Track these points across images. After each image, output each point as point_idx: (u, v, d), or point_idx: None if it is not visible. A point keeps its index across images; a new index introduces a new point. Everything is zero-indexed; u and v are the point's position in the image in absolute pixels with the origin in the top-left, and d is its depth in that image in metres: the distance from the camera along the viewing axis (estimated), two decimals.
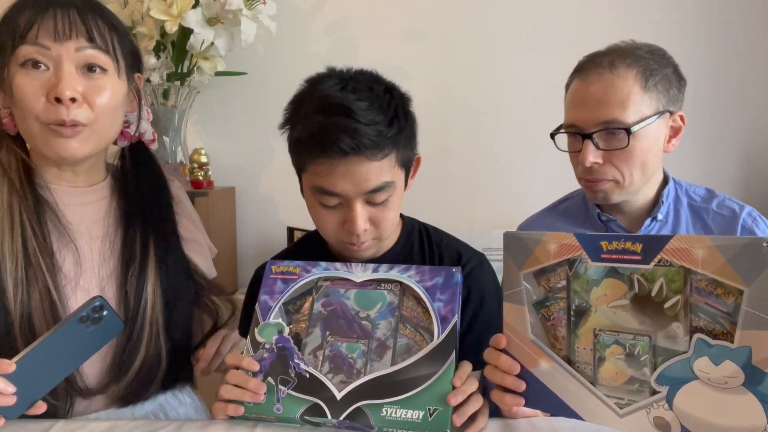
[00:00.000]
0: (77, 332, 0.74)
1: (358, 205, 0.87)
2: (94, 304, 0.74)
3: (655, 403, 0.67)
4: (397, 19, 1.90)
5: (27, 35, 0.79)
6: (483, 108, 1.92)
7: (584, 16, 1.87)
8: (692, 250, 0.63)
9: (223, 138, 1.96)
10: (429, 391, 0.75)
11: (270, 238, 1.98)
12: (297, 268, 0.88)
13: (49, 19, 0.79)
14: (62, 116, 0.79)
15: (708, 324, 0.64)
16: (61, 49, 0.79)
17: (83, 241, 0.88)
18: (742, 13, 1.86)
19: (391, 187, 0.89)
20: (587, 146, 1.01)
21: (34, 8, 0.80)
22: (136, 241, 0.89)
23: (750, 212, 1.07)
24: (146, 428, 0.85)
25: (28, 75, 0.79)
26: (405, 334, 0.81)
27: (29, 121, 0.80)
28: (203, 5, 1.57)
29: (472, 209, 1.97)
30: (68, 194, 0.88)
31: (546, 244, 0.73)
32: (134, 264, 0.88)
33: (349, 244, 0.92)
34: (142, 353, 0.87)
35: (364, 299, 0.85)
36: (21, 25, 0.79)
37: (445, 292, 0.82)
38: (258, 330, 0.83)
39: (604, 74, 0.99)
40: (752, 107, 1.89)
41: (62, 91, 0.78)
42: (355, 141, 0.82)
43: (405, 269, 0.85)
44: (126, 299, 0.87)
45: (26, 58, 0.79)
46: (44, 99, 0.79)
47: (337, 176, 0.85)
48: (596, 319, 0.71)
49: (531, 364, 0.76)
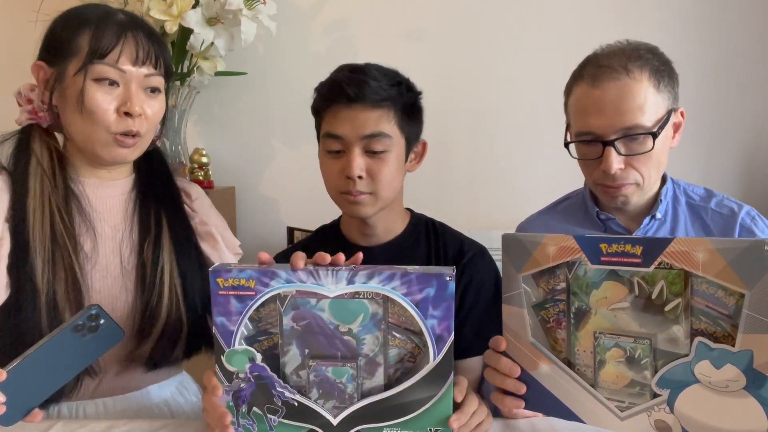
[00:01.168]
0: (72, 341, 0.73)
1: (356, 151, 0.99)
2: (90, 312, 0.73)
3: (656, 406, 0.67)
4: (397, 19, 1.89)
5: (107, 56, 0.90)
6: (483, 108, 1.92)
7: (584, 15, 1.87)
8: (693, 253, 0.63)
9: (223, 138, 1.96)
10: (429, 413, 0.73)
11: (270, 238, 1.98)
12: (251, 281, 0.72)
13: (130, 45, 0.91)
14: (131, 128, 0.92)
15: (709, 327, 0.64)
16: (134, 72, 0.92)
17: (106, 226, 0.98)
18: (743, 12, 1.85)
19: (387, 139, 1.00)
20: (610, 153, 0.98)
21: (113, 29, 0.90)
22: (151, 217, 1.00)
23: (749, 211, 1.07)
24: (146, 428, 0.85)
25: (102, 90, 0.90)
26: (395, 344, 0.74)
27: (98, 130, 0.91)
28: (203, 5, 1.57)
29: (472, 209, 1.96)
30: (95, 186, 0.99)
31: (545, 246, 0.72)
32: (150, 236, 0.99)
33: (346, 194, 1.01)
34: (163, 318, 0.95)
35: (341, 311, 0.73)
36: (102, 44, 0.89)
37: (439, 307, 0.71)
38: (225, 358, 0.74)
39: (620, 79, 0.97)
40: (752, 107, 1.89)
41: (133, 108, 0.91)
42: (357, 90, 0.97)
43: (388, 278, 0.71)
44: (143, 269, 0.97)
45: (104, 77, 0.90)
46: (114, 112, 0.91)
47: (341, 120, 0.99)
48: (596, 322, 0.71)
49: (531, 366, 0.76)
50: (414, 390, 0.73)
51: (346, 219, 1.13)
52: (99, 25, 0.91)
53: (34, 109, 0.96)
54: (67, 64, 0.91)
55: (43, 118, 0.96)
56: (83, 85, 0.90)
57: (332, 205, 1.13)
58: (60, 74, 0.92)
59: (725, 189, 1.74)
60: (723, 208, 1.08)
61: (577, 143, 1.05)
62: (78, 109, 0.91)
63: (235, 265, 0.75)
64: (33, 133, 0.96)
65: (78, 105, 0.90)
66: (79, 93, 0.90)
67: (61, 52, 0.91)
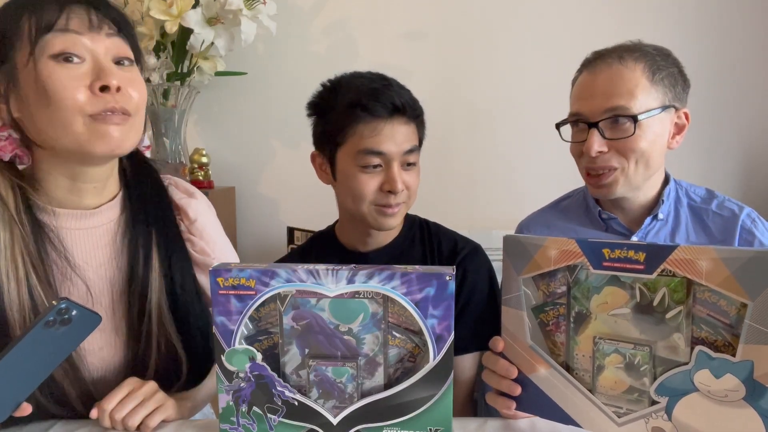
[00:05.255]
0: (46, 336, 0.71)
1: (397, 166, 1.01)
2: (60, 307, 0.71)
3: (654, 413, 0.67)
4: (397, 19, 1.89)
5: (55, 23, 0.74)
6: (483, 108, 1.92)
7: (585, 15, 1.86)
8: (697, 262, 0.63)
9: (223, 138, 1.95)
10: (429, 413, 0.73)
11: (270, 238, 1.98)
12: (251, 280, 0.72)
13: (79, 11, 0.76)
14: (111, 104, 0.75)
15: (710, 336, 0.63)
16: (95, 37, 0.76)
17: (89, 270, 0.86)
18: (743, 13, 1.85)
19: (417, 152, 1.05)
20: (593, 135, 1.01)
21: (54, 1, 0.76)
22: (139, 250, 0.88)
23: (749, 213, 1.07)
24: None
25: (63, 67, 0.74)
26: (395, 344, 0.74)
27: (70, 117, 0.74)
28: (203, 5, 1.56)
29: (472, 209, 1.96)
30: (73, 218, 0.85)
31: (546, 249, 0.72)
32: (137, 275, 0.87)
33: (384, 206, 1.02)
34: (152, 367, 0.87)
35: (342, 310, 0.73)
36: (45, 16, 0.74)
37: (439, 306, 0.71)
38: (225, 358, 0.74)
39: (612, 65, 1.01)
40: (753, 108, 1.89)
41: (109, 80, 0.75)
42: (400, 100, 0.99)
43: (388, 278, 0.71)
44: (130, 314, 0.87)
45: (61, 51, 0.74)
46: (86, 91, 0.75)
47: (383, 137, 0.99)
48: (596, 327, 0.71)
49: (529, 369, 0.76)
50: (414, 389, 0.73)
51: (343, 225, 1.13)
52: (35, 3, 0.75)
53: None
54: (14, 55, 0.75)
55: (3, 149, 0.80)
56: (37, 67, 0.74)
57: (332, 205, 1.13)
58: (10, 73, 0.76)
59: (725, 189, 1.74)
60: (724, 210, 1.08)
61: (571, 128, 1.07)
62: (43, 102, 0.74)
63: (235, 264, 0.74)
64: None
65: (41, 98, 0.74)
66: (36, 81, 0.74)
67: (4, 45, 0.76)
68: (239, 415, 0.76)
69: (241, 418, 0.76)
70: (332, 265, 0.73)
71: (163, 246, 0.90)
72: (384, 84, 1.01)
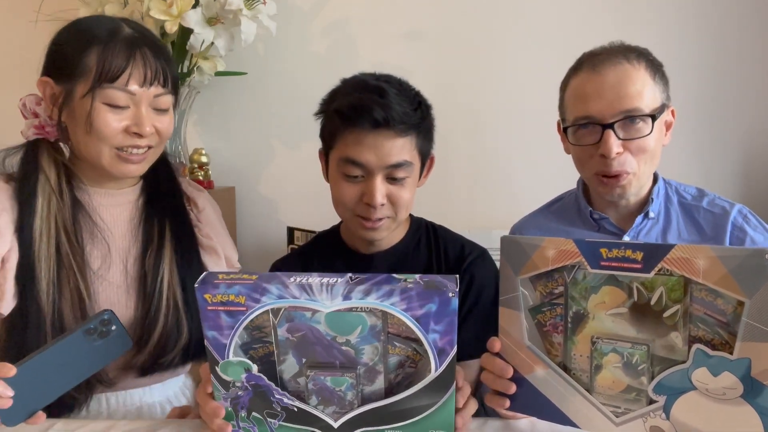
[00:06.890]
0: (83, 344, 0.74)
1: (378, 179, 0.96)
2: (103, 317, 0.74)
3: (652, 412, 0.67)
4: (397, 19, 1.89)
5: (117, 80, 0.89)
6: (483, 108, 1.91)
7: (584, 15, 1.86)
8: (694, 260, 0.63)
9: (223, 138, 1.95)
10: (431, 418, 0.73)
11: (270, 238, 1.98)
12: (241, 297, 0.68)
13: (139, 66, 0.91)
14: (138, 141, 0.93)
15: (707, 334, 0.63)
16: (144, 93, 0.92)
17: (113, 238, 1.00)
18: (742, 12, 1.84)
19: (409, 167, 0.98)
20: (610, 136, 0.99)
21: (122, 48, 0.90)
22: (155, 227, 1.01)
23: (740, 210, 1.07)
24: (146, 428, 0.85)
25: (111, 112, 0.91)
26: (395, 353, 0.71)
27: (103, 148, 0.92)
28: (203, 5, 1.56)
29: (472, 209, 1.96)
30: (104, 196, 1.01)
31: (544, 249, 0.72)
32: (152, 246, 1.00)
33: (364, 219, 0.99)
34: (160, 327, 0.96)
35: (339, 323, 0.69)
36: (111, 66, 0.89)
37: (441, 322, 0.68)
38: (220, 369, 0.73)
39: (621, 64, 1.00)
40: (752, 107, 1.88)
41: (143, 129, 0.92)
42: (385, 114, 0.93)
43: (387, 294, 0.67)
44: (144, 278, 0.98)
45: (114, 102, 0.90)
46: (122, 131, 0.92)
47: (364, 147, 0.95)
48: (594, 327, 0.71)
49: (526, 369, 0.76)
50: (416, 398, 0.72)
51: (347, 226, 1.12)
52: (107, 44, 0.89)
53: (41, 123, 0.96)
54: (75, 84, 0.90)
55: (51, 133, 0.96)
56: (92, 107, 0.89)
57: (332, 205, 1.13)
58: (68, 93, 0.91)
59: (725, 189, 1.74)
60: (715, 207, 1.08)
61: (574, 132, 1.05)
62: (86, 129, 0.91)
63: (222, 276, 0.70)
64: (40, 149, 0.96)
65: (86, 126, 0.90)
66: (87, 115, 0.90)
67: (69, 71, 0.90)
68: (239, 419, 0.76)
69: (241, 422, 0.76)
70: (327, 277, 0.69)
71: (174, 226, 1.03)
72: (379, 93, 0.95)
